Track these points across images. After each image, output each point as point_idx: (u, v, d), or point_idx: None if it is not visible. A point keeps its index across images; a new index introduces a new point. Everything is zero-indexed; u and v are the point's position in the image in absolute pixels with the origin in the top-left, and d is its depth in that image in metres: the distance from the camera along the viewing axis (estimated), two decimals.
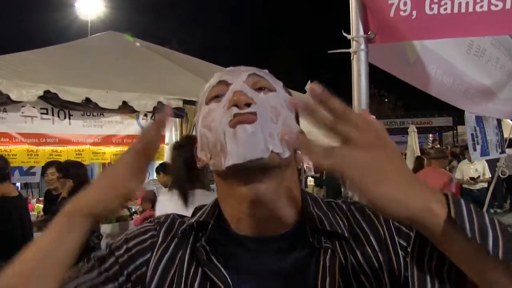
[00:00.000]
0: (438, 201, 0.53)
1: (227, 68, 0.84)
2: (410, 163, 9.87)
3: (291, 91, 0.89)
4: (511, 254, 0.51)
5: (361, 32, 1.49)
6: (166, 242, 0.81)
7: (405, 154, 11.49)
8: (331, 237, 0.76)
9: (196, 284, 0.74)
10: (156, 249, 0.81)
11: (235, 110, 0.73)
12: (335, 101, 0.54)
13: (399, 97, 32.54)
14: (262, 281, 0.74)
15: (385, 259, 0.74)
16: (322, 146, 0.53)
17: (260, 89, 0.78)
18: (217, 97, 0.78)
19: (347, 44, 1.52)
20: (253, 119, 0.72)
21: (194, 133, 5.54)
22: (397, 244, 0.75)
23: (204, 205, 0.86)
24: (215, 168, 0.77)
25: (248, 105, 0.73)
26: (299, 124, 0.83)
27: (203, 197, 2.27)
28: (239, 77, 0.78)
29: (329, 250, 0.74)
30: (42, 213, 5.35)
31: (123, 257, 0.80)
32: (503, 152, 4.69)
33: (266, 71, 0.84)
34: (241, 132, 0.71)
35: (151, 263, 0.79)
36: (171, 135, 6.53)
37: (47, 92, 4.41)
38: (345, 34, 1.51)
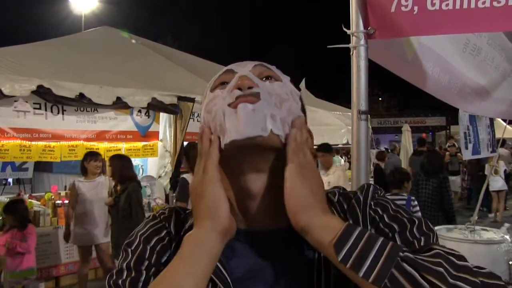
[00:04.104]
0: (332, 226, 0.64)
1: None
2: (404, 162, 9.94)
3: None
4: (381, 280, 0.57)
5: (361, 27, 1.48)
6: (177, 240, 0.78)
7: (399, 153, 11.57)
8: None
9: None
10: (172, 246, 0.77)
11: (237, 92, 0.72)
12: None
13: (393, 97, 32.79)
14: (262, 276, 0.73)
15: None
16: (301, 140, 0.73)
17: (266, 78, 0.78)
18: (222, 84, 0.78)
19: (347, 39, 1.51)
20: (255, 100, 0.71)
21: (188, 129, 5.53)
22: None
23: None
24: None
25: (251, 88, 0.73)
26: (305, 115, 0.82)
27: None
28: (245, 67, 0.78)
29: None
30: (35, 209, 5.30)
31: (152, 257, 0.76)
32: (493, 151, 4.72)
33: (274, 67, 0.83)
34: (242, 109, 0.70)
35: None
36: (165, 131, 6.51)
37: (40, 86, 4.36)
38: (345, 29, 1.50)
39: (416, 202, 4.34)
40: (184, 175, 4.31)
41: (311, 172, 0.71)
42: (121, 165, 4.46)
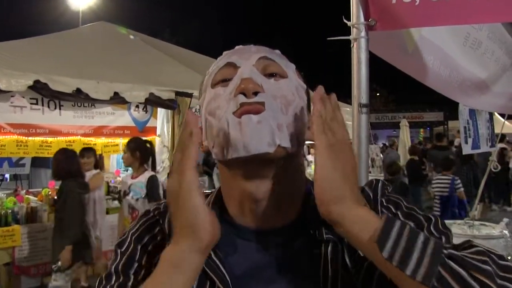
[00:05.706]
0: (367, 219, 0.60)
1: (237, 47, 0.79)
2: (402, 156, 9.95)
3: None
4: (430, 279, 0.53)
5: (362, 19, 1.45)
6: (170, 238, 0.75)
7: (397, 147, 11.58)
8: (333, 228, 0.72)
9: (195, 281, 0.69)
10: (166, 245, 0.74)
11: (242, 98, 0.69)
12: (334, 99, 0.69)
13: (391, 92, 32.79)
14: (263, 274, 0.71)
15: None
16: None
17: (270, 75, 0.74)
18: (224, 81, 0.74)
19: (346, 32, 1.49)
20: (260, 109, 0.68)
21: None
22: None
23: (208, 194, 0.82)
24: (217, 158, 0.73)
25: (256, 93, 0.69)
26: (310, 112, 0.80)
27: None
28: (248, 60, 0.74)
29: (331, 242, 0.71)
30: (32, 205, 5.27)
31: (142, 259, 0.74)
32: (493, 146, 4.71)
33: (278, 51, 0.80)
34: (247, 123, 0.67)
35: None
36: (163, 127, 6.49)
37: (37, 81, 4.32)
38: (345, 21, 1.48)
39: (459, 181, 5.84)
40: (153, 173, 4.00)
41: (342, 151, 0.65)
42: (57, 161, 4.02)
